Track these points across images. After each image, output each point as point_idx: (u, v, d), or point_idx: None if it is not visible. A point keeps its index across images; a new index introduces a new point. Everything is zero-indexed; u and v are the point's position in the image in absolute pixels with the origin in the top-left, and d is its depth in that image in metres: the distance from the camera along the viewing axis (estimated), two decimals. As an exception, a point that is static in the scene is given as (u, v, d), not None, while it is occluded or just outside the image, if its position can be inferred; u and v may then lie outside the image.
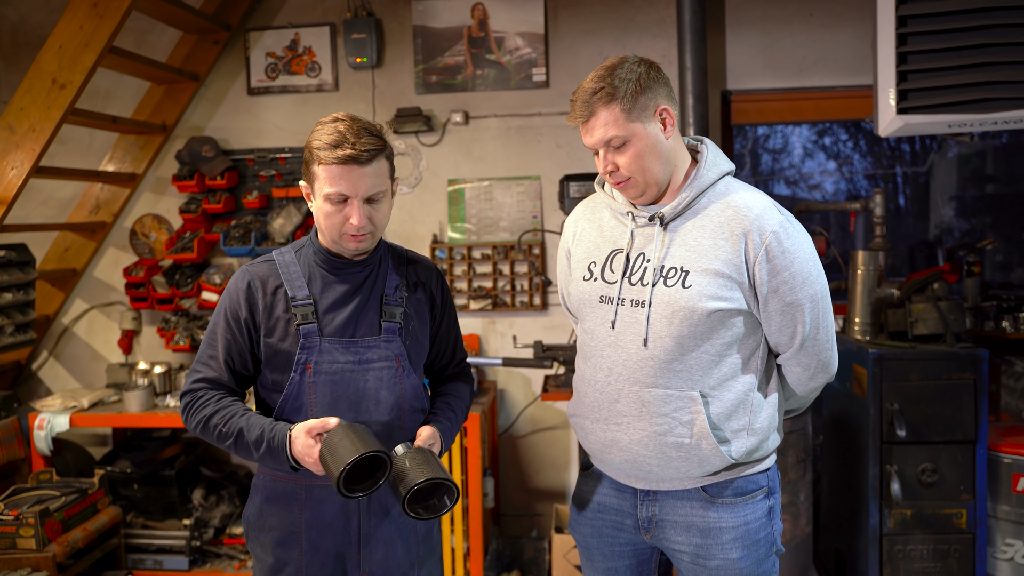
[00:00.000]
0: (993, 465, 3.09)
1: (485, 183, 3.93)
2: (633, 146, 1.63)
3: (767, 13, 3.78)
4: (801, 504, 3.23)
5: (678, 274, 1.65)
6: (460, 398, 1.89)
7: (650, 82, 1.63)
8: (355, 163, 1.61)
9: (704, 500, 1.71)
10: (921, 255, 5.38)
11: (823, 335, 1.71)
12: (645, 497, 1.75)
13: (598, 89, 1.61)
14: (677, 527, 1.72)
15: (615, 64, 1.64)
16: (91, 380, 4.13)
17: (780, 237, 1.64)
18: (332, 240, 1.70)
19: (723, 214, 1.67)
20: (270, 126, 4.02)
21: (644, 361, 1.67)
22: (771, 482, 1.77)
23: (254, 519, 1.77)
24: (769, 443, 1.74)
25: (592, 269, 1.77)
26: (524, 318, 3.94)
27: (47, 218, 4.09)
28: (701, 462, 1.67)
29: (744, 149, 6.14)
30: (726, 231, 1.65)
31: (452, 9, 3.87)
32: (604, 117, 1.62)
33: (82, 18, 3.16)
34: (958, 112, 2.79)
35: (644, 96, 1.62)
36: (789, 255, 1.64)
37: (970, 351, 2.98)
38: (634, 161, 1.64)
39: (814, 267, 1.68)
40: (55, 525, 3.11)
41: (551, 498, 3.98)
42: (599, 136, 1.63)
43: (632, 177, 1.66)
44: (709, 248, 1.65)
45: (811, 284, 1.67)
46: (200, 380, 1.73)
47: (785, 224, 1.66)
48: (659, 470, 1.69)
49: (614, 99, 1.60)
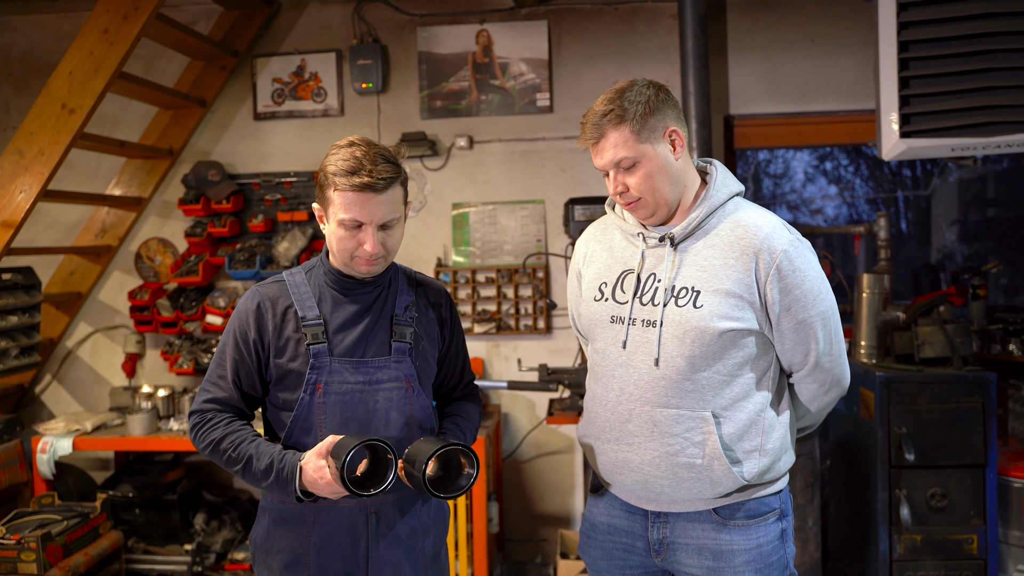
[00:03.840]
0: (1003, 490, 3.06)
1: (489, 207, 3.94)
2: (643, 167, 1.65)
3: (769, 39, 3.82)
4: (809, 529, 3.20)
5: (689, 294, 1.65)
6: (469, 419, 1.88)
7: (659, 104, 1.65)
8: (371, 191, 1.61)
9: (716, 522, 1.69)
10: (925, 279, 5.38)
11: (836, 350, 1.72)
12: (656, 519, 1.74)
13: (608, 111, 1.63)
14: (689, 550, 1.71)
15: (625, 87, 1.66)
16: (94, 403, 4.12)
17: (790, 256, 1.65)
18: (343, 263, 1.70)
19: (733, 234, 1.68)
20: (276, 151, 4.04)
21: (655, 381, 1.66)
22: (784, 504, 1.75)
23: (262, 542, 1.75)
24: (781, 464, 1.73)
25: (603, 289, 1.77)
26: (528, 341, 3.93)
27: (53, 241, 4.11)
28: (713, 483, 1.65)
29: (746, 174, 6.17)
30: (736, 250, 1.66)
31: (457, 35, 3.91)
32: (614, 139, 1.63)
33: (92, 44, 3.19)
34: (961, 136, 2.81)
35: (653, 118, 1.64)
36: (800, 274, 1.65)
37: (978, 374, 2.97)
38: (644, 182, 1.65)
39: (823, 285, 1.69)
40: (56, 549, 3.08)
41: (556, 523, 3.94)
42: (609, 157, 1.65)
43: (642, 198, 1.67)
44: (720, 268, 1.65)
45: (822, 301, 1.68)
46: (209, 401, 1.73)
47: (795, 243, 1.67)
48: (670, 491, 1.68)
49: (624, 121, 1.62)
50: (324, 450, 1.58)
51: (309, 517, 1.71)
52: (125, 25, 3.18)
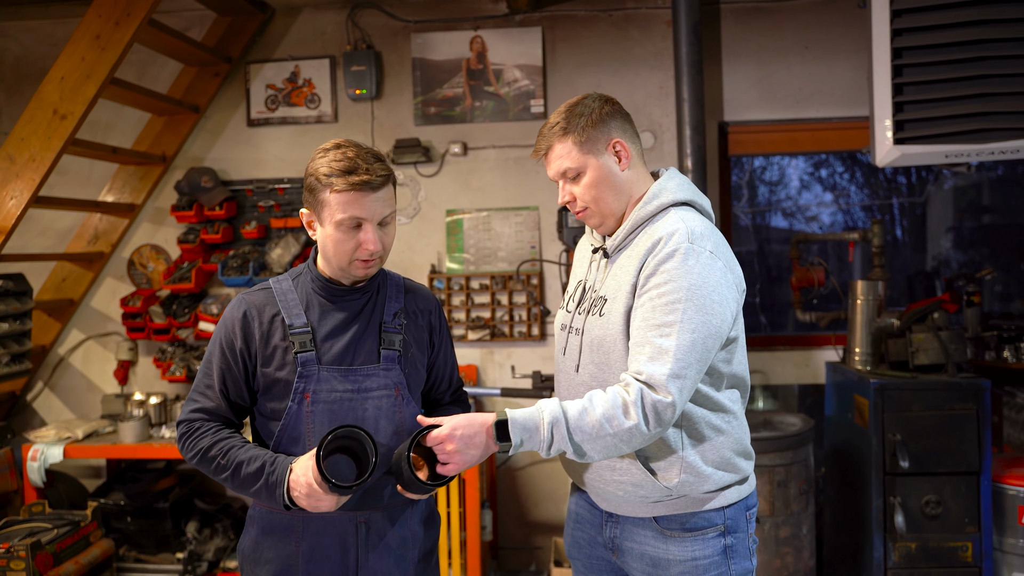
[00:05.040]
0: (998, 497, 3.05)
1: (483, 214, 3.93)
2: (586, 177, 1.70)
3: (763, 45, 3.82)
4: (804, 537, 3.19)
5: (601, 303, 1.71)
6: None
7: (604, 116, 1.69)
8: (369, 188, 1.61)
9: (656, 531, 1.72)
10: (919, 286, 5.38)
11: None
12: (608, 519, 1.79)
13: (555, 124, 1.70)
14: (633, 554, 1.75)
15: (575, 102, 1.72)
16: (86, 411, 4.10)
17: (673, 255, 1.58)
18: (340, 267, 1.68)
19: (644, 243, 1.66)
20: (269, 157, 4.03)
21: (576, 387, 1.75)
22: (730, 520, 1.71)
23: (250, 552, 1.73)
24: (717, 479, 1.68)
25: (565, 298, 1.90)
26: (522, 348, 3.92)
27: (45, 248, 4.09)
28: (635, 486, 1.68)
29: (741, 180, 6.17)
30: (637, 257, 1.65)
31: (451, 42, 3.91)
32: (559, 150, 1.70)
33: (84, 50, 3.18)
34: (955, 142, 2.81)
35: (596, 130, 1.68)
36: (665, 274, 1.58)
37: (972, 381, 2.97)
38: (587, 191, 1.71)
39: (684, 294, 1.56)
40: (46, 558, 3.05)
41: (550, 531, 3.92)
42: (555, 168, 1.72)
43: (588, 208, 1.73)
44: (623, 275, 1.68)
45: (672, 310, 1.56)
46: (197, 410, 1.71)
47: (689, 249, 1.58)
48: (603, 492, 1.75)
49: (568, 133, 1.69)
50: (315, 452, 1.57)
51: (298, 527, 1.69)
52: (117, 31, 3.17)
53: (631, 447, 1.57)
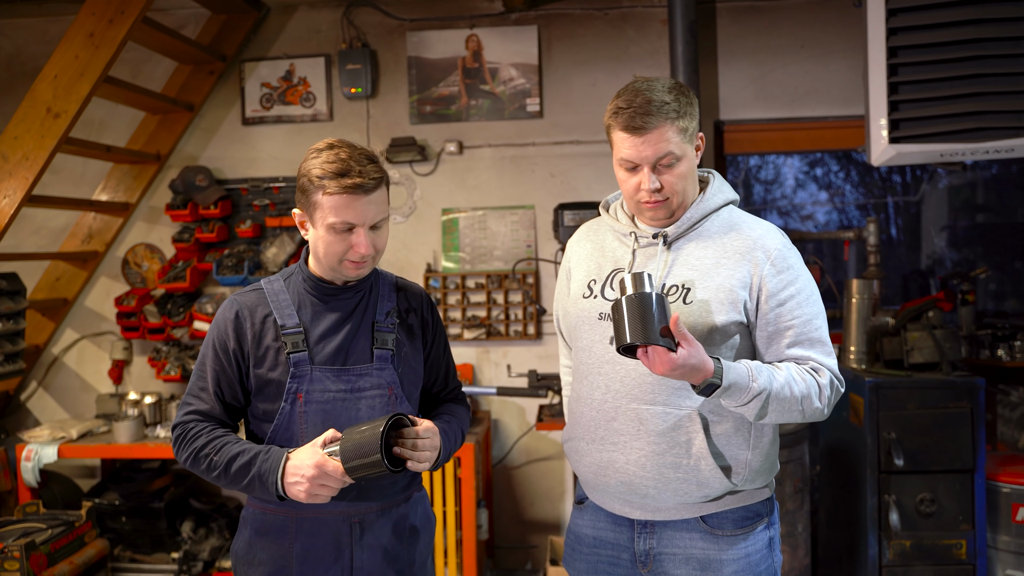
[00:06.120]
0: (992, 495, 3.06)
1: (479, 212, 3.93)
2: (682, 166, 1.64)
3: (759, 44, 3.82)
4: (799, 535, 3.19)
5: (679, 291, 1.65)
6: (456, 416, 1.85)
7: (696, 109, 1.67)
8: (361, 192, 1.58)
9: (703, 531, 1.67)
10: (914, 284, 5.39)
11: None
12: (643, 529, 1.71)
13: (665, 104, 1.60)
14: (676, 560, 1.67)
15: (674, 84, 1.65)
16: (80, 411, 4.09)
17: (784, 255, 1.67)
18: (331, 268, 1.67)
19: (726, 236, 1.69)
20: (264, 155, 4.02)
21: (642, 377, 1.64)
22: (771, 512, 1.74)
23: (243, 553, 1.72)
24: (770, 469, 1.72)
25: (592, 287, 1.75)
26: (518, 347, 3.91)
27: (39, 247, 4.07)
28: (700, 484, 1.63)
29: (737, 179, 6.17)
30: (729, 251, 1.67)
31: (446, 40, 3.90)
32: (667, 133, 1.60)
33: (78, 48, 3.17)
34: (950, 141, 2.81)
35: (695, 121, 1.66)
36: (793, 272, 1.66)
37: (967, 379, 2.97)
38: (679, 180, 1.65)
39: (814, 288, 1.69)
40: (41, 558, 3.04)
41: (546, 530, 3.92)
42: (657, 150, 1.61)
43: (670, 198, 1.66)
44: (711, 267, 1.65)
45: (813, 303, 1.67)
46: (191, 412, 1.69)
47: (787, 245, 1.70)
48: (656, 493, 1.65)
49: (680, 117, 1.61)
50: (323, 442, 1.57)
51: (291, 528, 1.68)
52: (111, 29, 3.16)
53: (803, 418, 1.64)
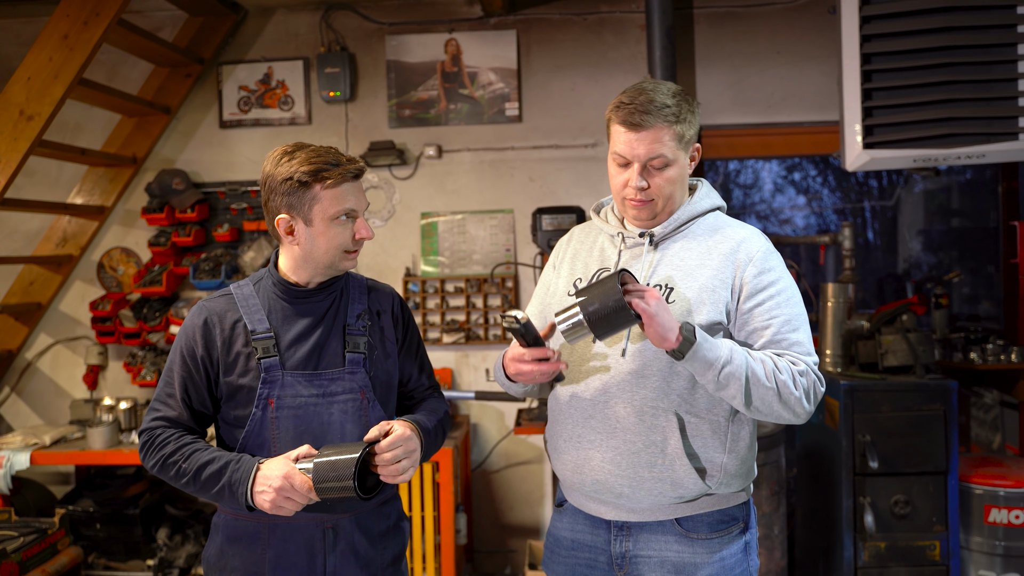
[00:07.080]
0: (965, 496, 3.10)
1: (458, 216, 3.93)
2: (672, 171, 1.66)
3: (735, 50, 3.85)
4: (776, 537, 3.21)
5: (663, 290, 1.66)
6: (434, 411, 1.83)
7: (696, 119, 1.68)
8: (357, 179, 1.66)
9: (678, 534, 1.66)
10: (890, 288, 5.45)
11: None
12: (619, 532, 1.70)
13: (666, 106, 1.62)
14: (651, 563, 1.67)
15: (678, 90, 1.67)
16: (54, 416, 4.03)
17: (767, 257, 1.69)
18: (329, 263, 1.67)
19: (711, 238, 1.71)
20: (242, 159, 4.00)
21: (622, 374, 1.65)
22: (747, 516, 1.74)
23: (215, 560, 1.71)
24: (747, 475, 1.72)
25: (577, 285, 1.76)
26: (497, 351, 3.91)
27: (12, 251, 4.02)
28: (674, 484, 1.63)
29: (715, 184, 6.22)
30: (713, 252, 1.69)
31: (426, 44, 3.90)
32: (662, 135, 1.62)
33: (52, 50, 3.14)
34: (923, 147, 2.85)
35: (693, 129, 1.68)
36: (775, 273, 1.68)
37: (940, 382, 3.01)
38: (668, 184, 1.67)
39: (796, 291, 1.71)
40: (12, 567, 3.00)
41: (525, 534, 3.92)
42: (650, 150, 1.63)
43: (656, 199, 1.67)
44: (695, 267, 1.67)
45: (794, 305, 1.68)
46: (159, 419, 1.68)
47: (771, 249, 1.73)
48: (631, 492, 1.64)
49: (678, 122, 1.63)
50: (296, 456, 1.56)
51: (264, 534, 1.67)
52: (86, 31, 3.13)
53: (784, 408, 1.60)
